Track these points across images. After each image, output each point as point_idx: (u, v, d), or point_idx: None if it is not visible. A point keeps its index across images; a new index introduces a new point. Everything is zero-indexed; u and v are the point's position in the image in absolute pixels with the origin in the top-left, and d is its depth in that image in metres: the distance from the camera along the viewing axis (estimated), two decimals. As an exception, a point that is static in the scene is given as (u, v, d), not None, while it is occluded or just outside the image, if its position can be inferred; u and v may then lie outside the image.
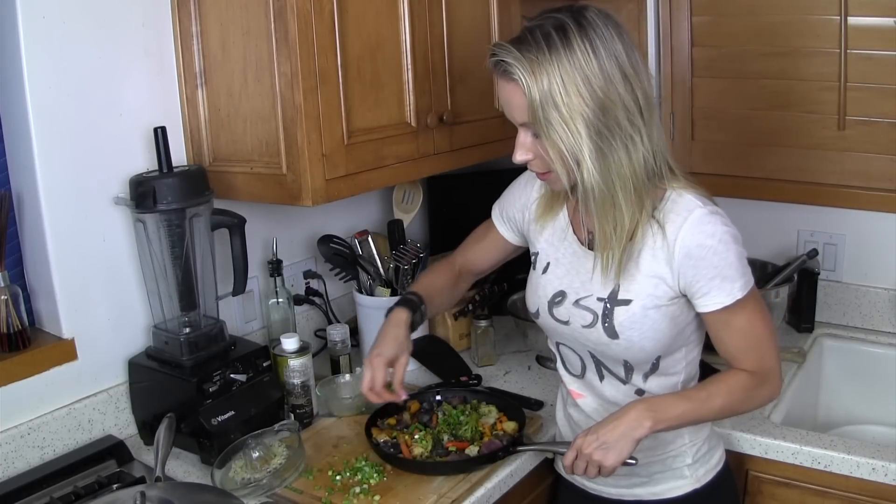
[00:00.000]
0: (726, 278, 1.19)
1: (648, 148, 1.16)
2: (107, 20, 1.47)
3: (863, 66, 1.87)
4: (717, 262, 1.18)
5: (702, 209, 1.19)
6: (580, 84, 1.10)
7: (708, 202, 1.21)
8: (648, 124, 1.15)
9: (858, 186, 1.93)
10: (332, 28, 1.43)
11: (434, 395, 1.61)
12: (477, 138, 1.79)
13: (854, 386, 1.96)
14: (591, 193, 1.16)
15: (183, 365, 1.50)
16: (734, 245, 1.19)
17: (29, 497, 1.34)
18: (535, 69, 1.11)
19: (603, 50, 1.11)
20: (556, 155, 1.15)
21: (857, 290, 2.01)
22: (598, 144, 1.12)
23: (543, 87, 1.11)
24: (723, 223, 1.19)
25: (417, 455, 1.42)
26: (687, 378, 1.32)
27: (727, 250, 1.18)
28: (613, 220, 1.18)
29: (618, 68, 1.12)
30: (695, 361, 1.34)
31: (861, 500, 1.46)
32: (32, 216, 1.45)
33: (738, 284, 1.19)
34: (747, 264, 1.22)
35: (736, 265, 1.19)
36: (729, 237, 1.19)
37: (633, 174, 1.15)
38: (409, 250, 1.82)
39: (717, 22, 2.05)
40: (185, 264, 1.50)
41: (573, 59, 1.10)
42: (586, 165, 1.14)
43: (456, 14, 1.69)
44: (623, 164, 1.14)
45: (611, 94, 1.11)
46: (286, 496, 1.35)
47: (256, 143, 1.49)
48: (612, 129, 1.12)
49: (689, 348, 1.31)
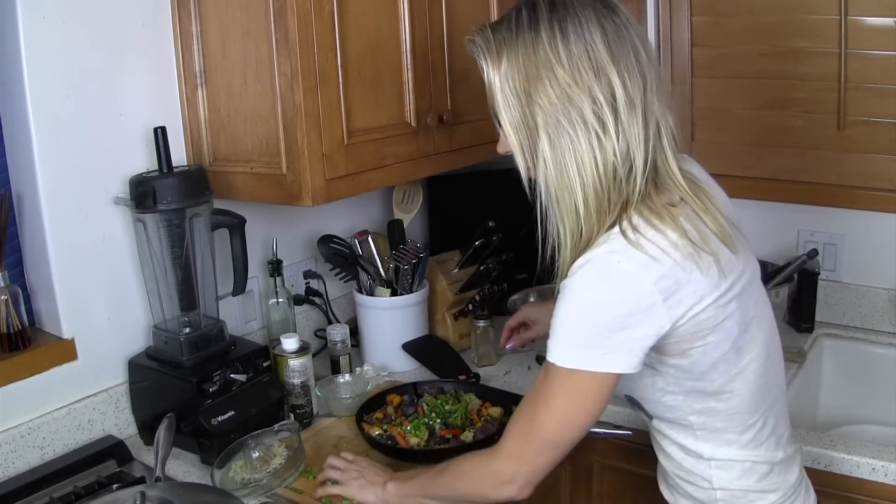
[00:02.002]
0: (554, 333, 1.03)
1: (621, 149, 1.01)
2: (107, 20, 1.47)
3: (863, 66, 1.87)
4: (559, 310, 1.03)
5: (600, 254, 1.00)
6: (540, 70, 1.00)
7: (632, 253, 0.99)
8: (626, 124, 1.01)
9: (858, 186, 1.93)
10: (332, 28, 1.43)
11: (412, 387, 1.66)
12: (477, 138, 1.79)
13: (854, 386, 1.96)
14: (548, 193, 1.05)
15: (183, 365, 1.50)
16: (585, 306, 1.00)
17: (29, 497, 1.34)
18: (498, 51, 1.03)
19: (573, 34, 1.00)
20: (517, 145, 1.06)
21: (856, 290, 2.00)
22: (555, 139, 1.01)
23: (501, 70, 1.03)
24: (597, 279, 1.00)
25: (415, 445, 1.43)
26: (710, 430, 1.13)
27: (571, 307, 1.02)
28: (571, 228, 1.04)
29: (588, 56, 0.99)
30: (711, 413, 1.11)
31: (861, 500, 1.46)
32: (32, 216, 1.45)
33: (553, 343, 1.03)
34: (598, 340, 1.00)
35: (567, 327, 1.02)
36: (584, 295, 1.00)
37: (596, 177, 1.01)
38: (409, 250, 1.82)
39: (717, 22, 2.05)
40: (185, 264, 1.50)
41: (537, 42, 1.01)
42: (542, 157, 1.03)
43: (456, 14, 1.69)
44: (585, 163, 1.01)
45: (576, 84, 1.00)
46: (286, 496, 1.35)
47: (256, 143, 1.49)
48: (574, 122, 1.00)
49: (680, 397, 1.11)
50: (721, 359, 1.07)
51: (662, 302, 0.99)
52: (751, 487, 1.14)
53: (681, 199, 1.06)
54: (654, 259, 0.99)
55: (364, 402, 1.60)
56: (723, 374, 1.09)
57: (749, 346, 1.11)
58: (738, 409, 1.12)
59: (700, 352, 1.06)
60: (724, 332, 1.06)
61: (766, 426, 1.14)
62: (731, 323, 1.06)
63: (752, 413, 1.13)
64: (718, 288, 1.03)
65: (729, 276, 1.05)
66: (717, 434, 1.13)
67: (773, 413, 1.16)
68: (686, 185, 1.06)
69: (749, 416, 1.13)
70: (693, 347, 1.05)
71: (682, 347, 1.05)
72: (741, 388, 1.11)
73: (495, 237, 1.91)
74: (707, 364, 1.07)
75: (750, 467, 1.14)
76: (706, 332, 1.04)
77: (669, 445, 1.19)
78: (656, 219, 1.02)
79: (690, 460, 1.16)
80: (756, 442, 1.14)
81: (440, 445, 1.45)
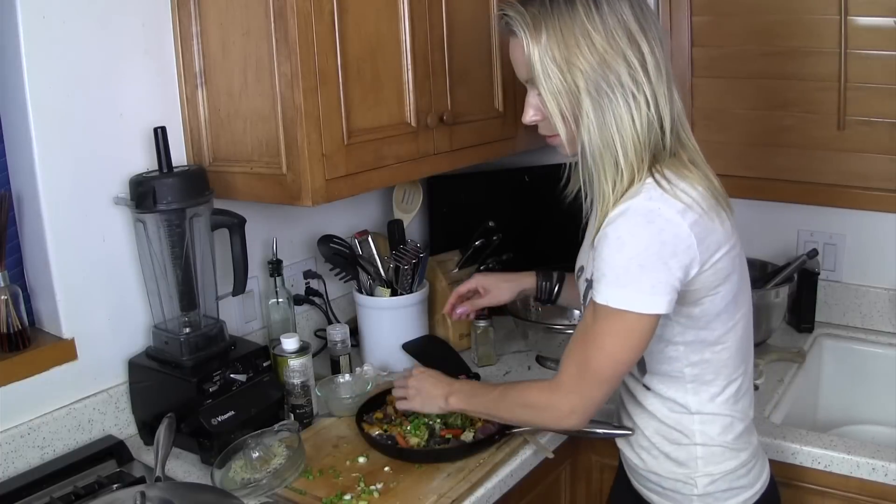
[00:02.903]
0: (603, 276, 1.11)
1: (654, 111, 1.12)
2: (107, 20, 1.47)
3: (863, 66, 1.87)
4: (605, 255, 1.11)
5: (643, 202, 1.10)
6: (580, 38, 1.10)
7: (669, 200, 1.09)
8: (655, 86, 1.12)
9: (858, 186, 1.93)
10: (332, 28, 1.43)
11: None
12: (477, 138, 1.79)
13: (854, 386, 1.96)
14: (591, 151, 1.13)
15: (183, 365, 1.50)
16: (631, 249, 1.09)
17: (29, 497, 1.34)
18: (535, 23, 1.12)
19: (607, 6, 1.10)
20: (556, 111, 1.14)
21: (856, 290, 2.01)
22: (597, 100, 1.11)
23: (542, 42, 1.12)
24: (641, 223, 1.09)
25: (415, 445, 1.44)
26: (700, 382, 1.22)
27: (617, 251, 1.09)
28: (613, 179, 1.13)
29: (621, 26, 1.10)
30: (704, 365, 1.21)
31: (861, 500, 1.46)
32: (32, 216, 1.45)
33: (602, 286, 1.11)
34: (644, 280, 1.08)
35: (617, 269, 1.10)
36: (630, 238, 1.09)
37: (634, 133, 1.11)
38: (409, 250, 1.82)
39: (717, 22, 2.05)
40: (185, 264, 1.50)
41: (574, 14, 1.10)
42: (585, 121, 1.12)
43: (456, 14, 1.69)
44: (624, 120, 1.11)
45: (612, 49, 1.10)
46: (286, 496, 1.35)
47: (256, 143, 1.49)
48: (612, 85, 1.10)
49: (681, 347, 1.20)
50: (724, 309, 1.18)
51: (697, 246, 1.10)
52: (728, 444, 1.23)
53: (699, 161, 1.18)
54: (688, 207, 1.10)
55: (364, 402, 1.60)
56: (723, 324, 1.20)
57: (742, 301, 1.23)
58: (728, 361, 1.22)
59: (710, 301, 1.16)
60: (730, 284, 1.17)
61: (744, 383, 1.26)
62: (735, 276, 1.18)
63: (736, 368, 1.23)
64: (730, 240, 1.16)
65: (735, 233, 1.18)
66: (706, 387, 1.22)
67: (748, 373, 1.28)
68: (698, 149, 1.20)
69: (734, 371, 1.23)
70: (706, 296, 1.16)
71: (699, 295, 1.15)
72: (732, 340, 1.22)
73: (495, 237, 1.91)
74: (713, 314, 1.18)
75: (729, 423, 1.23)
76: (719, 282, 1.15)
77: (655, 402, 1.26)
78: (687, 171, 1.14)
79: (675, 416, 1.24)
80: (736, 397, 1.24)
81: (440, 445, 1.45)
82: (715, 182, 1.17)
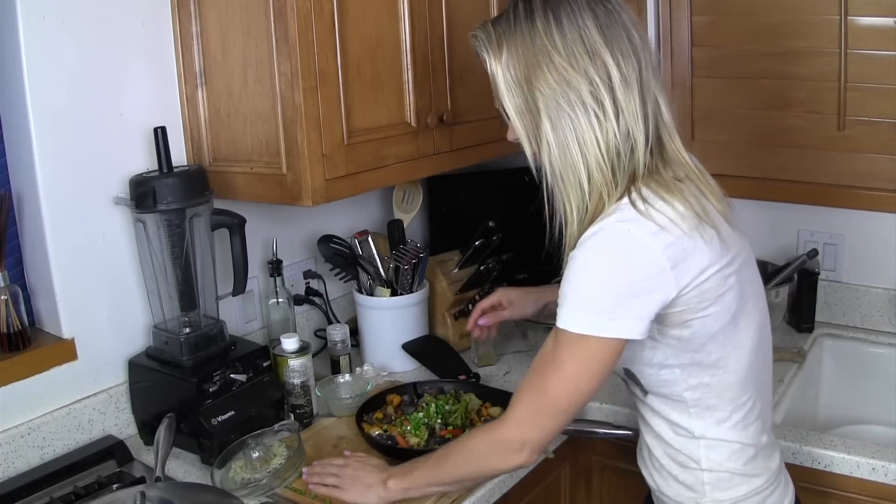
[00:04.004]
0: (565, 300, 1.06)
1: (623, 129, 1.06)
2: (107, 20, 1.47)
3: (863, 66, 1.87)
4: (570, 277, 1.06)
5: (611, 223, 1.04)
6: (539, 56, 1.06)
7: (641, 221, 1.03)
8: (622, 102, 1.05)
9: (858, 186, 1.93)
10: (332, 28, 1.43)
11: (412, 387, 1.66)
12: (477, 138, 1.79)
13: (854, 386, 1.96)
14: (552, 173, 1.09)
15: (183, 365, 1.50)
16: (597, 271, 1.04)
17: (29, 497, 1.34)
18: (498, 41, 1.10)
19: (566, 21, 1.06)
20: (522, 130, 1.12)
21: (856, 290, 2.00)
22: (556, 120, 1.07)
23: (503, 60, 1.09)
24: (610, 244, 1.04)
25: (415, 445, 1.44)
26: (703, 407, 1.15)
27: (583, 273, 1.05)
28: (577, 202, 1.08)
29: (581, 40, 1.05)
30: (705, 388, 1.14)
31: (861, 500, 1.46)
32: (32, 216, 1.45)
33: (564, 310, 1.06)
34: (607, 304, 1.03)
35: (580, 292, 1.05)
36: (596, 261, 1.04)
37: (598, 154, 1.06)
38: (409, 250, 1.82)
39: (717, 22, 2.05)
40: (185, 264, 1.50)
41: (533, 31, 1.07)
42: (544, 142, 1.09)
43: (456, 14, 1.69)
44: (587, 141, 1.06)
45: (572, 67, 1.05)
46: (286, 496, 1.35)
47: (256, 143, 1.49)
48: (573, 104, 1.05)
49: (677, 370, 1.13)
50: (720, 331, 1.11)
51: (671, 269, 1.03)
52: (737, 470, 1.17)
53: (685, 176, 1.10)
54: (663, 228, 1.03)
55: (364, 402, 1.60)
56: (721, 346, 1.12)
57: (746, 322, 1.14)
58: (731, 385, 1.15)
59: (700, 323, 1.09)
60: (724, 305, 1.10)
61: (754, 408, 1.18)
62: (731, 297, 1.10)
63: (742, 392, 1.16)
64: (721, 260, 1.08)
65: (730, 250, 1.10)
66: (710, 412, 1.16)
67: (762, 397, 1.20)
68: (691, 163, 1.12)
69: (740, 395, 1.16)
70: (694, 318, 1.08)
71: (684, 318, 1.08)
72: (736, 364, 1.14)
73: (495, 237, 1.91)
74: (706, 336, 1.10)
75: (738, 449, 1.17)
76: (707, 304, 1.08)
77: (660, 424, 1.21)
78: (664, 191, 1.06)
79: (681, 440, 1.18)
80: (745, 423, 1.17)
81: (440, 445, 1.44)
82: (706, 199, 1.09)
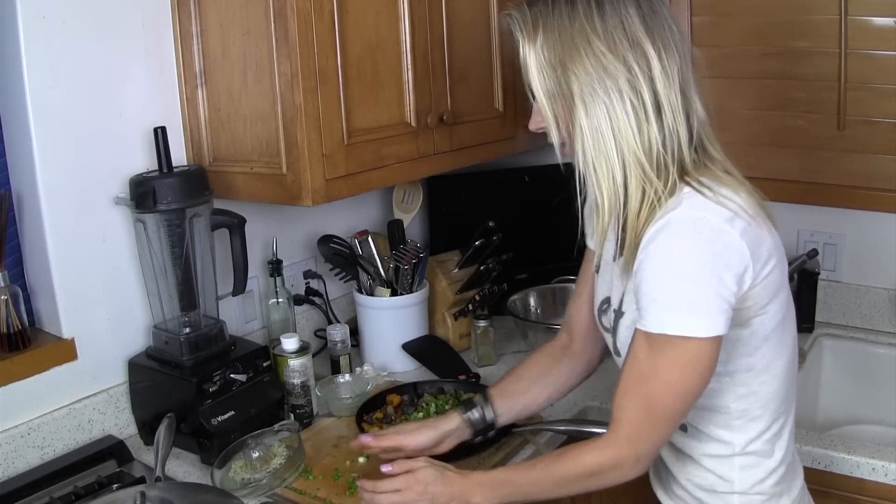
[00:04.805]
0: (652, 301, 1.01)
1: (664, 120, 1.03)
2: (107, 20, 1.47)
3: (863, 66, 1.87)
4: (650, 275, 1.00)
5: (686, 212, 1.00)
6: (577, 40, 1.02)
7: (714, 208, 1.00)
8: (662, 95, 1.03)
9: (858, 186, 1.93)
10: (332, 28, 1.43)
11: (412, 387, 1.66)
12: (477, 138, 1.79)
13: (854, 386, 1.96)
14: (584, 158, 1.05)
15: (183, 365, 1.50)
16: (681, 265, 0.99)
17: (29, 497, 1.34)
18: (534, 23, 1.05)
19: (609, 7, 1.02)
20: (550, 116, 1.07)
21: (857, 290, 2.01)
22: (591, 105, 1.03)
23: (537, 42, 1.05)
24: (688, 234, 0.99)
25: None
26: (748, 419, 1.12)
27: (666, 269, 1.00)
28: (609, 189, 1.04)
29: (623, 28, 1.02)
30: (752, 398, 1.11)
31: (861, 500, 1.46)
32: (32, 216, 1.45)
33: (653, 312, 1.00)
34: (701, 299, 0.98)
35: (669, 290, 0.99)
36: (678, 253, 0.99)
37: (634, 143, 1.02)
38: (409, 250, 1.82)
39: (717, 22, 2.05)
40: (185, 264, 1.50)
41: (573, 14, 1.03)
42: (578, 125, 1.04)
43: (456, 14, 1.69)
44: (624, 132, 1.02)
45: (612, 52, 1.02)
46: (286, 496, 1.35)
47: (256, 143, 1.49)
48: (609, 90, 1.02)
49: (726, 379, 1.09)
50: (773, 332, 1.09)
51: (750, 256, 1.00)
52: (765, 490, 1.14)
53: (729, 173, 1.09)
54: (735, 214, 1.00)
55: (364, 402, 1.60)
56: (773, 349, 1.10)
57: (790, 324, 1.13)
58: (775, 394, 1.12)
59: (760, 321, 1.07)
60: (780, 302, 1.09)
61: (788, 420, 1.16)
62: (784, 294, 1.09)
63: (784, 400, 1.14)
64: (779, 251, 1.08)
65: (781, 246, 1.09)
66: (753, 423, 1.12)
67: (792, 410, 1.18)
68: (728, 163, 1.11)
69: (781, 404, 1.14)
70: (757, 315, 1.06)
71: (749, 314, 1.06)
72: (783, 369, 1.12)
73: (495, 237, 1.91)
74: (762, 337, 1.08)
75: (773, 467, 1.14)
76: (768, 300, 1.06)
77: (692, 443, 1.16)
78: (726, 179, 1.05)
79: (714, 460, 1.15)
80: (780, 435, 1.15)
81: None
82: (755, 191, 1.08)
